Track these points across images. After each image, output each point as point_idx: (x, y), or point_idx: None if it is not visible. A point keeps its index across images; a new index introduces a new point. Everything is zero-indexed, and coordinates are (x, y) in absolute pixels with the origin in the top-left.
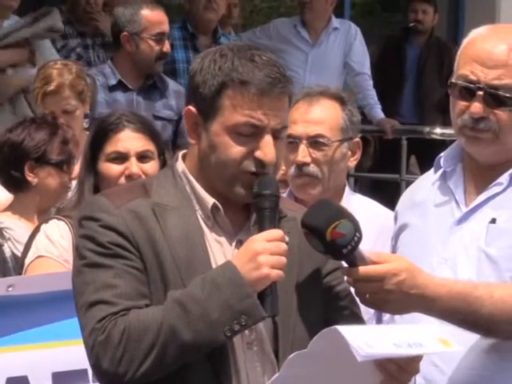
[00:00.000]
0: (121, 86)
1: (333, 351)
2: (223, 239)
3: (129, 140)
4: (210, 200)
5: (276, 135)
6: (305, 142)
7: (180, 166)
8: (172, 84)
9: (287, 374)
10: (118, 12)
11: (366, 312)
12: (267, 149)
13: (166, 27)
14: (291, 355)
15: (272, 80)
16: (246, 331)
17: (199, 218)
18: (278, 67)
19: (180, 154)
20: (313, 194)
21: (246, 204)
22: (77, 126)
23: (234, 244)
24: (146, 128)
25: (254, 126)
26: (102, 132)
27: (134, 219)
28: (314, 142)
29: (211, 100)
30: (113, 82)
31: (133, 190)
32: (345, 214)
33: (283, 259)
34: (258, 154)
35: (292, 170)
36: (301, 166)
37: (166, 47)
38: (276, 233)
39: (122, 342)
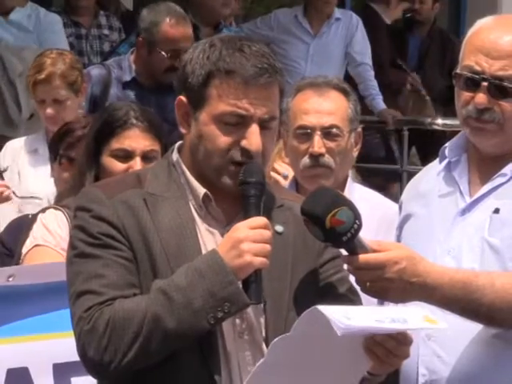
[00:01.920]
0: (135, 83)
1: (317, 334)
2: (215, 229)
3: (136, 139)
4: (201, 190)
5: (264, 125)
6: (319, 132)
7: (175, 156)
8: None
9: (272, 360)
10: (142, 14)
11: (368, 304)
12: (253, 138)
13: (184, 44)
14: (275, 339)
15: (258, 70)
16: (237, 320)
17: (192, 207)
18: (268, 57)
19: (176, 144)
20: (325, 185)
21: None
22: (68, 116)
23: (225, 234)
24: (154, 127)
25: (239, 115)
26: (108, 126)
27: (126, 210)
28: (328, 132)
29: (199, 89)
30: (127, 77)
31: (126, 180)
32: (344, 202)
33: (267, 247)
34: (243, 143)
35: (306, 160)
36: (316, 157)
37: (177, 62)
38: (259, 220)
39: (107, 331)
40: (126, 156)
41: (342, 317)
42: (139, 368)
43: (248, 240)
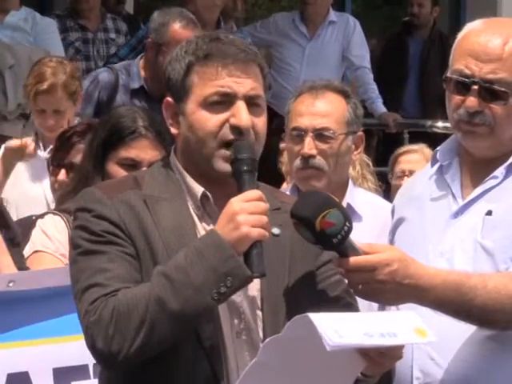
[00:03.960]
0: (143, 92)
1: (308, 338)
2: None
3: (144, 149)
4: (199, 189)
5: (250, 102)
6: (311, 134)
7: (172, 158)
8: None
9: (264, 360)
10: (152, 16)
11: (370, 307)
12: (241, 115)
13: None
14: (266, 340)
15: (236, 49)
16: (235, 321)
17: (190, 208)
18: (244, 44)
19: (173, 147)
20: (317, 186)
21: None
22: (65, 124)
23: None
24: (162, 136)
25: (224, 94)
26: (116, 134)
27: (126, 209)
28: (320, 134)
29: (181, 82)
30: (135, 85)
31: (124, 182)
32: (334, 204)
33: (263, 218)
34: (232, 120)
35: (298, 162)
36: (307, 159)
37: None
38: (254, 193)
39: (113, 320)
40: (133, 165)
41: (332, 332)
42: (147, 357)
43: (243, 212)
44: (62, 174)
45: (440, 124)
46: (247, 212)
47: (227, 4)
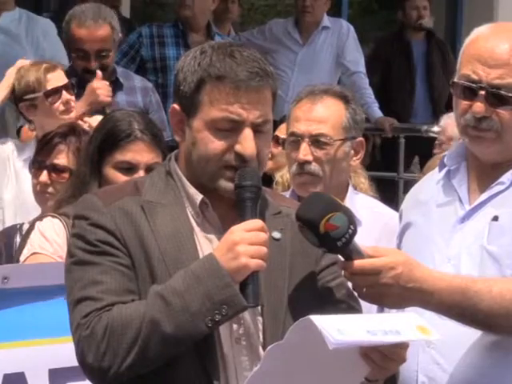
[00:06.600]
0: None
1: (311, 342)
2: (212, 236)
3: (140, 152)
4: (198, 196)
5: (257, 129)
6: (307, 140)
7: (172, 164)
8: (138, 80)
9: (268, 367)
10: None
11: (370, 310)
12: (247, 143)
13: (88, 45)
14: (270, 346)
15: (249, 74)
16: (235, 326)
17: (189, 215)
18: (259, 62)
19: (173, 153)
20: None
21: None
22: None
23: None
24: (157, 139)
25: (232, 120)
26: (112, 138)
27: (123, 217)
28: (316, 140)
29: (191, 97)
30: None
31: (124, 188)
32: (338, 207)
33: (263, 249)
34: (237, 148)
35: (294, 168)
36: (302, 164)
37: (90, 65)
38: (255, 223)
39: (106, 337)
40: (129, 169)
41: (334, 330)
42: (138, 374)
43: (244, 242)
44: (44, 176)
45: (436, 129)
46: (248, 242)
47: (219, 7)
